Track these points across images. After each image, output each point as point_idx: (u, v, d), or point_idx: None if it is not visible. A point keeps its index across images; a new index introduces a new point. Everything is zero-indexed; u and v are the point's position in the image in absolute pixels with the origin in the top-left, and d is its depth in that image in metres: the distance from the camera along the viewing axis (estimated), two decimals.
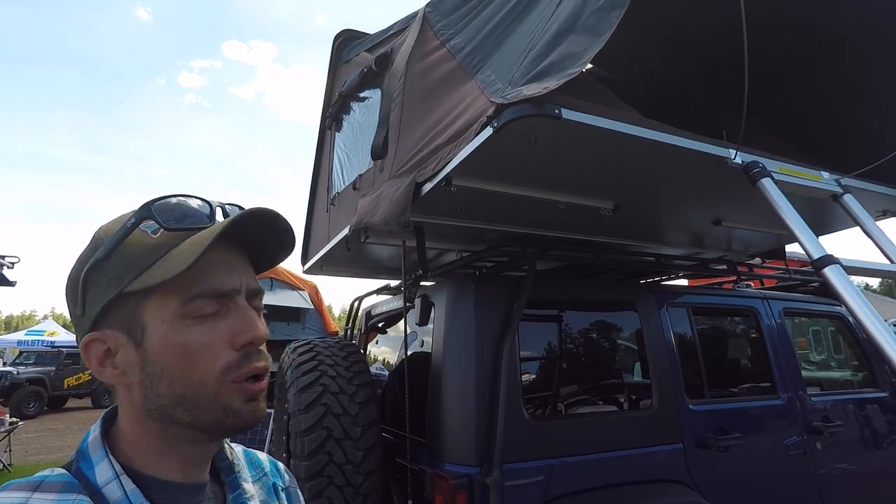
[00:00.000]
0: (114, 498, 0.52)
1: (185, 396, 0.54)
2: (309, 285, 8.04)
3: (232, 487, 0.64)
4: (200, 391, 0.54)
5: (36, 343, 17.92)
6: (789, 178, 1.73)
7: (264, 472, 0.72)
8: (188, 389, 0.54)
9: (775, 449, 2.49)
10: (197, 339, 0.54)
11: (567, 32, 1.46)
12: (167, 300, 0.54)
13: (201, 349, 0.54)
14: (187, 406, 0.54)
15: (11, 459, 7.03)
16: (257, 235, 0.60)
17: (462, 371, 2.04)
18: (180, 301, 0.54)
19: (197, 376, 0.54)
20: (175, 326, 0.54)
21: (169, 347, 0.54)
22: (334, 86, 3.15)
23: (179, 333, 0.54)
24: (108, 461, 0.54)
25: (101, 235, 0.57)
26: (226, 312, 0.56)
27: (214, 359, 0.54)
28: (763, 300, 2.84)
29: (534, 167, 1.78)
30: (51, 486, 0.51)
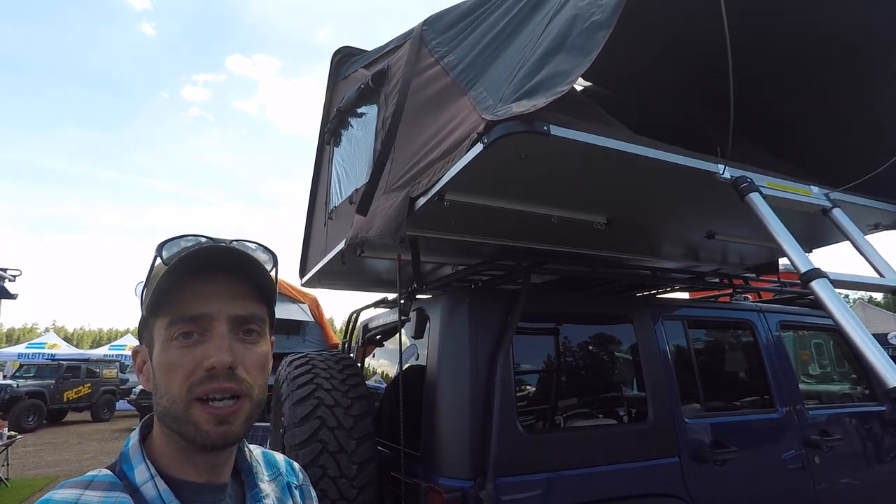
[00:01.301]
0: (149, 496, 0.60)
1: (167, 409, 0.62)
2: (309, 298, 8.05)
3: (250, 487, 0.71)
4: (175, 406, 0.61)
5: (37, 356, 17.92)
6: (777, 193, 1.75)
7: (280, 472, 0.79)
8: (168, 402, 0.62)
9: (773, 463, 2.47)
10: (175, 359, 0.62)
11: (556, 51, 1.50)
12: (161, 324, 0.64)
13: (177, 367, 0.62)
14: (171, 416, 0.62)
15: (9, 473, 6.99)
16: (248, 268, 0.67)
17: (456, 384, 2.04)
18: (166, 325, 0.63)
19: (172, 391, 0.62)
20: (164, 346, 0.63)
21: (159, 364, 0.63)
22: (333, 101, 3.20)
23: (164, 352, 0.63)
24: (145, 464, 0.62)
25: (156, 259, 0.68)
26: (206, 339, 0.63)
27: (185, 377, 0.61)
28: (759, 313, 2.84)
29: (525, 182, 1.81)
30: (99, 484, 0.59)
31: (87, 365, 15.58)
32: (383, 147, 2.04)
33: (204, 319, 0.63)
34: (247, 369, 0.64)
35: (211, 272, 0.65)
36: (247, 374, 0.63)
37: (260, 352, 0.66)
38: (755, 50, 2.24)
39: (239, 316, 0.65)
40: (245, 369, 0.63)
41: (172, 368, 0.62)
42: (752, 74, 2.27)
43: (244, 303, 0.66)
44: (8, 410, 12.06)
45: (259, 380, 0.65)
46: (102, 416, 15.11)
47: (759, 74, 2.32)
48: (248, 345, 0.65)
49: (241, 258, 0.66)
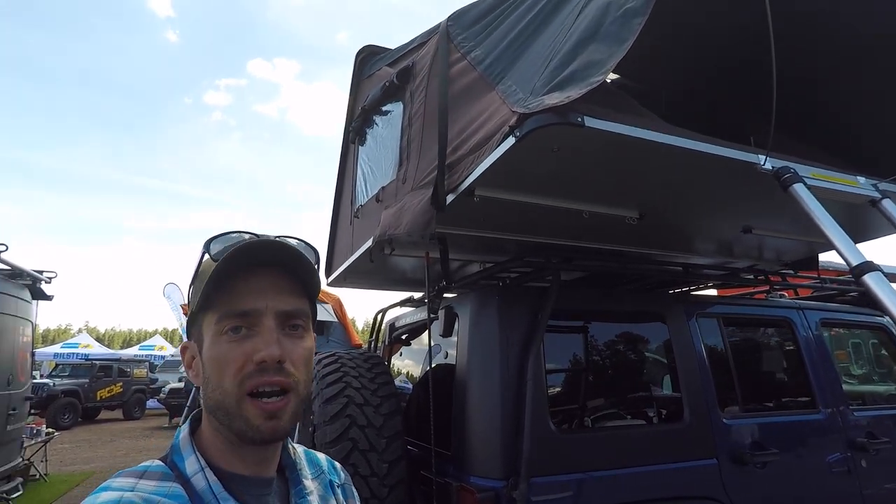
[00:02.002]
0: (199, 487, 0.61)
1: (219, 402, 0.63)
2: (332, 298, 8.12)
3: (294, 483, 0.72)
4: (227, 399, 0.62)
5: (71, 356, 18.53)
6: (823, 184, 1.67)
7: (322, 470, 0.80)
8: (220, 396, 0.63)
9: (817, 466, 2.38)
10: (225, 353, 0.63)
11: (589, 41, 1.46)
12: (211, 319, 0.65)
13: (228, 361, 0.63)
14: (223, 411, 0.63)
15: (47, 469, 7.22)
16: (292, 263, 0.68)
17: (486, 382, 2.02)
18: (216, 320, 0.64)
19: (224, 384, 0.63)
20: (214, 341, 0.64)
21: (210, 358, 0.64)
22: (357, 100, 3.20)
23: (215, 347, 0.64)
24: (195, 456, 0.64)
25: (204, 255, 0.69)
26: (255, 333, 0.64)
27: (237, 370, 0.63)
28: (798, 310, 2.74)
29: (557, 176, 1.78)
30: (152, 474, 0.61)
31: (119, 364, 16.03)
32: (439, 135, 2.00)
33: (253, 315, 0.64)
34: (294, 363, 0.65)
35: (258, 267, 0.66)
36: (294, 368, 0.65)
37: (306, 346, 0.67)
38: (795, 38, 2.15)
39: (285, 311, 0.66)
40: (292, 363, 0.64)
41: (224, 362, 0.63)
42: (793, 64, 2.18)
43: (290, 298, 0.67)
44: (45, 408, 12.47)
45: (304, 374, 0.66)
46: (133, 414, 15.52)
47: (797, 61, 2.23)
48: (295, 339, 0.66)
49: (288, 253, 0.67)
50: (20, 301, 5.77)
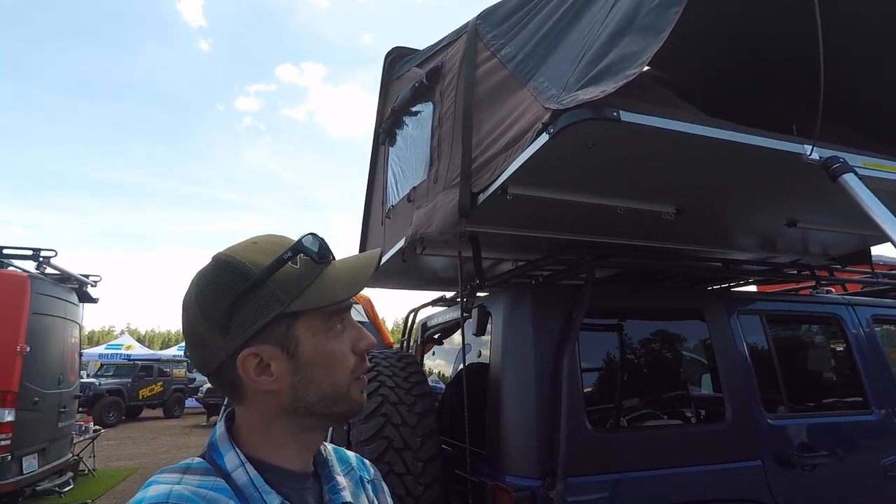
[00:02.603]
0: (241, 481, 0.63)
1: (326, 395, 0.66)
2: (363, 299, 8.21)
3: (327, 479, 0.74)
4: (338, 389, 0.67)
5: (114, 356, 19.30)
6: (876, 173, 1.59)
7: (352, 467, 0.82)
8: (330, 389, 0.66)
9: (870, 469, 2.27)
10: (337, 349, 0.67)
11: (623, 33, 1.43)
12: (315, 318, 0.66)
13: (339, 356, 0.67)
14: (328, 402, 0.66)
15: (95, 464, 7.55)
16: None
17: (521, 381, 2.01)
18: (324, 318, 0.66)
19: (336, 378, 0.67)
20: (324, 339, 0.66)
21: (319, 356, 0.66)
22: (386, 102, 3.23)
23: (327, 344, 0.66)
24: (235, 452, 0.65)
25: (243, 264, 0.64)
26: (344, 325, 0.69)
27: (346, 363, 0.68)
28: (848, 307, 2.62)
29: (591, 172, 1.75)
30: (195, 470, 0.63)
31: (159, 365, 16.62)
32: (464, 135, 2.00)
33: (347, 309, 0.70)
34: None
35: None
36: None
37: None
38: (839, 17, 2.06)
39: (351, 303, 0.73)
40: None
41: (339, 357, 0.67)
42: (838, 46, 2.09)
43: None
44: (92, 406, 13.06)
45: None
46: (173, 412, 16.07)
47: (846, 46, 2.13)
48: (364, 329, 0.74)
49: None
50: (69, 304, 6.05)
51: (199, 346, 0.66)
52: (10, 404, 4.75)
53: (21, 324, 4.94)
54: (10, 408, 4.75)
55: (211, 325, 0.63)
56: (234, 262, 0.64)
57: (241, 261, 0.64)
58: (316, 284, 0.66)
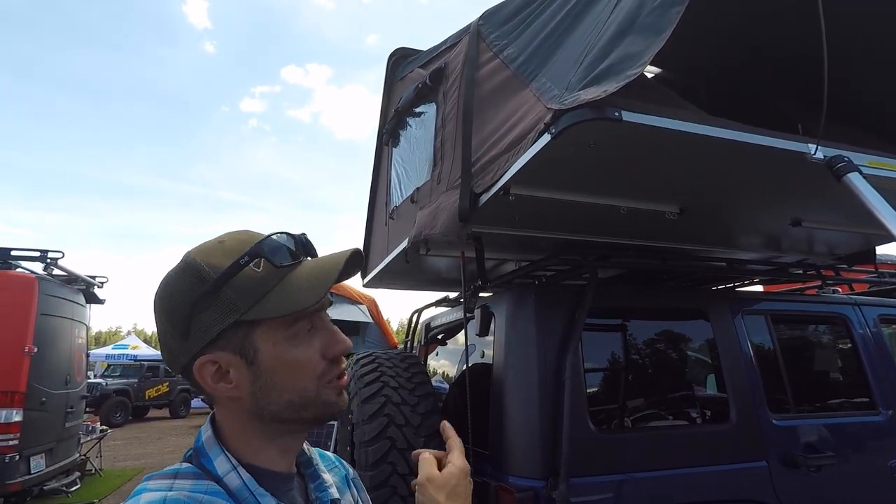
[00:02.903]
0: (234, 485, 0.61)
1: (292, 402, 0.64)
2: (367, 299, 8.23)
3: (312, 478, 0.73)
4: (304, 395, 0.64)
5: (121, 357, 19.42)
6: (882, 172, 1.58)
7: (335, 465, 0.82)
8: (295, 396, 0.64)
9: (878, 471, 2.25)
10: (300, 356, 0.64)
11: (625, 33, 1.43)
12: (276, 326, 0.62)
13: (303, 364, 0.64)
14: (294, 408, 0.64)
15: (102, 464, 7.60)
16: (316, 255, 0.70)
17: (524, 382, 2.01)
18: (286, 325, 0.63)
19: (301, 384, 0.64)
20: (283, 347, 0.63)
21: (280, 365, 0.63)
22: (390, 103, 3.24)
23: (288, 353, 0.63)
24: (225, 456, 0.63)
25: (202, 267, 0.61)
26: (315, 329, 0.66)
27: (312, 370, 0.64)
28: (854, 306, 2.60)
29: (594, 172, 1.75)
30: (185, 475, 0.61)
31: (165, 365, 16.65)
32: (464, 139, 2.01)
33: (318, 311, 0.66)
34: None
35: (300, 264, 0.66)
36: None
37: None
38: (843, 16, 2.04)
39: (329, 301, 0.69)
40: None
41: (302, 364, 0.64)
42: (843, 44, 2.07)
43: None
44: (99, 406, 13.14)
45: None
46: (179, 412, 16.15)
47: (850, 44, 2.12)
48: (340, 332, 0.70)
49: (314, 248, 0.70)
50: (76, 305, 6.09)
51: (165, 348, 0.65)
52: (18, 404, 4.79)
53: (29, 325, 4.98)
54: (18, 408, 4.79)
55: (173, 328, 0.62)
56: (194, 265, 0.62)
57: (200, 264, 0.62)
58: (277, 291, 0.62)
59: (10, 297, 5.00)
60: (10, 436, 4.73)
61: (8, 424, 4.74)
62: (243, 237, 0.65)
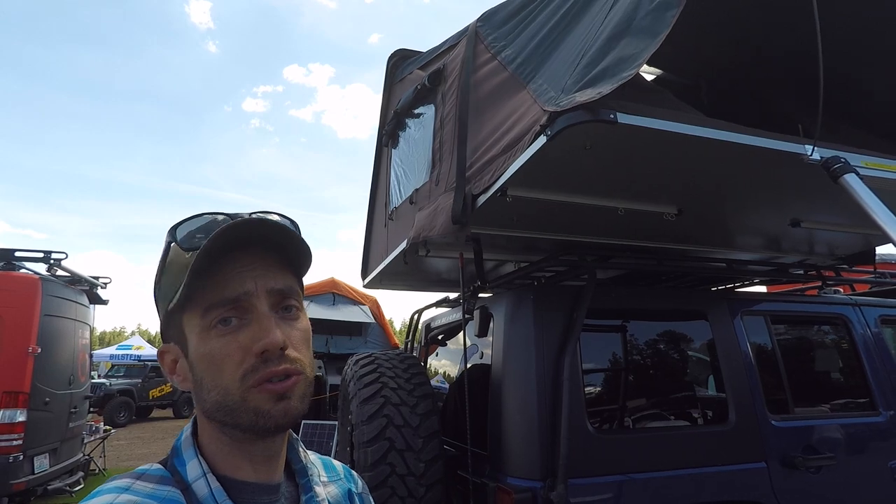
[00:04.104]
0: (202, 494, 0.56)
1: (219, 402, 0.57)
2: (370, 299, 8.23)
3: (306, 490, 0.66)
4: (229, 397, 0.56)
5: (125, 357, 19.48)
6: (878, 173, 1.58)
7: (339, 477, 0.75)
8: (220, 395, 0.57)
9: (877, 472, 2.25)
10: (219, 350, 0.56)
11: (620, 36, 1.44)
12: (194, 315, 0.58)
13: (223, 358, 0.56)
14: (224, 410, 0.57)
15: (105, 464, 7.63)
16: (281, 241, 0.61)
17: (522, 382, 2.01)
18: (201, 314, 0.57)
19: (223, 383, 0.56)
20: (202, 338, 0.57)
21: (200, 358, 0.58)
22: (390, 104, 3.25)
23: (205, 345, 0.57)
24: (197, 460, 0.59)
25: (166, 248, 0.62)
26: (248, 322, 0.57)
27: (235, 366, 0.56)
28: (854, 307, 2.59)
29: (590, 174, 1.75)
30: (150, 477, 0.57)
31: None
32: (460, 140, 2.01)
33: (244, 300, 0.57)
34: (295, 347, 0.59)
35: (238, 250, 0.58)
36: (297, 353, 0.59)
37: (303, 327, 0.62)
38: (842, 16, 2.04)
39: (278, 290, 0.59)
40: (294, 347, 0.59)
41: (219, 359, 0.56)
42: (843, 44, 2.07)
43: (279, 276, 0.60)
44: (103, 407, 13.19)
45: (307, 356, 0.61)
46: (183, 412, 16.20)
47: (846, 46, 2.12)
48: (291, 321, 0.60)
49: (271, 228, 0.60)
50: (79, 306, 6.13)
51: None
52: (22, 405, 4.82)
53: (33, 325, 5.01)
54: (22, 408, 4.82)
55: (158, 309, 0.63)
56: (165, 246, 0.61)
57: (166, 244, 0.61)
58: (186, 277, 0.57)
59: (14, 297, 5.03)
60: (14, 436, 4.76)
61: (12, 424, 4.77)
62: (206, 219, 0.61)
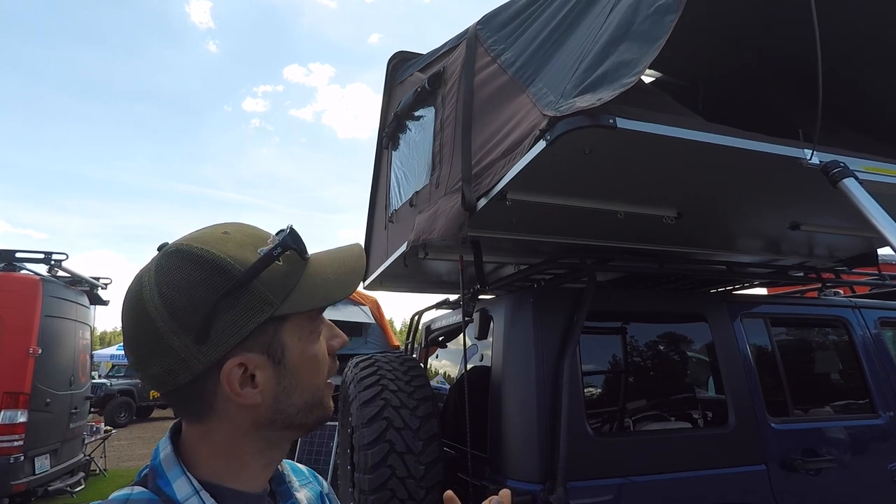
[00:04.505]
0: None
1: (307, 402, 0.61)
2: (370, 300, 8.24)
3: (284, 497, 0.67)
4: (317, 394, 0.62)
5: (125, 357, 19.48)
6: (877, 177, 1.59)
7: (308, 480, 0.76)
8: (310, 395, 0.61)
9: (877, 474, 2.25)
10: (320, 351, 0.63)
11: (620, 40, 1.44)
12: (303, 321, 0.60)
13: (321, 359, 0.63)
14: (308, 409, 0.61)
15: (106, 465, 7.64)
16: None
17: (522, 385, 2.01)
18: (310, 319, 0.61)
19: (317, 381, 0.62)
20: (308, 342, 0.61)
21: (306, 361, 0.61)
22: (390, 106, 3.25)
23: (312, 347, 0.61)
24: (186, 477, 0.56)
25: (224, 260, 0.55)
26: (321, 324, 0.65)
27: (325, 365, 0.64)
28: (854, 309, 2.60)
29: (590, 178, 1.75)
30: (135, 502, 0.54)
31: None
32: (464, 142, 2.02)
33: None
34: None
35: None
36: None
37: None
38: (842, 19, 2.04)
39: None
40: None
41: (320, 360, 0.63)
42: (840, 49, 2.07)
43: None
44: (103, 407, 13.21)
45: None
46: None
47: (845, 49, 2.12)
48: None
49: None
50: (80, 306, 6.14)
51: (164, 358, 0.54)
52: (23, 405, 4.84)
53: (33, 326, 5.03)
54: (23, 409, 4.83)
55: (185, 331, 0.53)
56: (213, 258, 0.55)
57: (220, 256, 0.55)
58: (303, 283, 0.59)
59: (15, 298, 5.05)
60: (15, 436, 4.77)
61: (13, 425, 4.78)
62: (248, 230, 0.61)
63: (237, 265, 0.55)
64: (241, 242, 0.58)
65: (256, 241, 0.59)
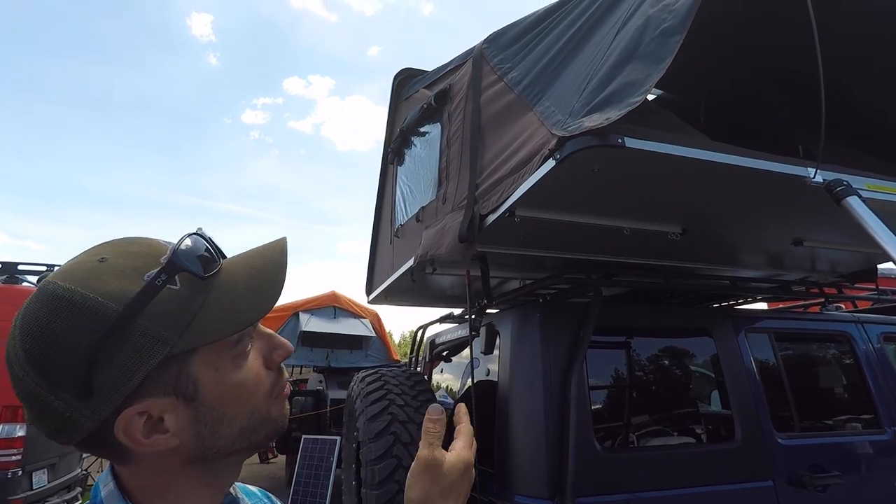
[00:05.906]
0: None
1: (243, 428, 0.54)
2: (370, 313, 8.22)
3: None
4: (256, 415, 0.55)
5: None
6: (880, 195, 1.61)
7: (262, 501, 0.71)
8: (245, 421, 0.54)
9: (885, 490, 2.24)
10: (249, 376, 0.55)
11: (627, 61, 1.47)
12: (217, 349, 0.51)
13: (252, 383, 0.55)
14: (245, 435, 0.55)
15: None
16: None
17: (529, 400, 2.02)
18: (230, 345, 0.53)
19: (251, 404, 0.55)
20: (230, 370, 0.53)
21: (227, 390, 0.52)
22: (395, 122, 3.29)
23: (234, 375, 0.53)
24: None
25: (93, 299, 0.46)
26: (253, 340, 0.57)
27: (262, 387, 0.56)
28: (857, 324, 2.61)
29: (597, 195, 1.78)
30: None
31: None
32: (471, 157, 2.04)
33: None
34: None
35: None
36: None
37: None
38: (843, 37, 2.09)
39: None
40: None
41: (250, 385, 0.54)
42: (843, 66, 2.11)
43: None
44: None
45: None
46: None
47: (848, 68, 2.16)
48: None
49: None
50: None
51: (49, 418, 0.47)
52: (22, 419, 4.79)
53: None
54: (22, 423, 4.79)
55: (62, 389, 0.46)
56: (79, 299, 0.46)
57: (87, 295, 0.46)
58: (209, 308, 0.50)
59: (16, 311, 5.03)
60: (13, 451, 4.72)
61: (11, 440, 4.73)
62: (133, 248, 0.51)
63: (111, 303, 0.46)
64: (119, 271, 0.48)
65: (146, 264, 0.49)
